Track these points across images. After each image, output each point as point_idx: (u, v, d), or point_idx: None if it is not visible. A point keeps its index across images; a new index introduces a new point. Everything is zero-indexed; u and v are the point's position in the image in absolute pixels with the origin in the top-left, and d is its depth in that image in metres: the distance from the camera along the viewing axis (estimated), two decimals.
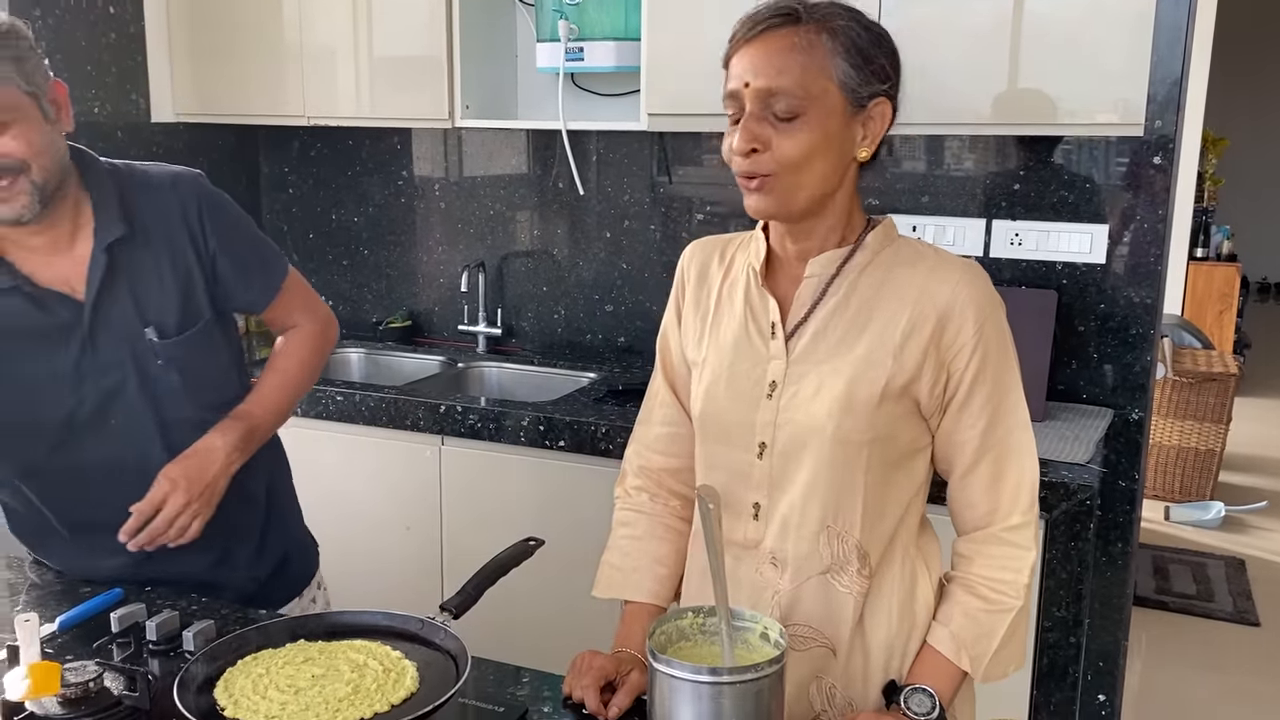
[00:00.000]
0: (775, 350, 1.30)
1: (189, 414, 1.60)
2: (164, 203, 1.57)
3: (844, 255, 1.29)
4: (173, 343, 1.56)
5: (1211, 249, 6.51)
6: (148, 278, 1.55)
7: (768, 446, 1.29)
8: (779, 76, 1.18)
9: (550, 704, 1.31)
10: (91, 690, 1.26)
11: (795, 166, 1.20)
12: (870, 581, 1.30)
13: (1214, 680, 3.42)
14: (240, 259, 1.64)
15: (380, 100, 2.93)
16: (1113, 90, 2.22)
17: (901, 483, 1.31)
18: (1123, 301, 2.56)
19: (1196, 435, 4.68)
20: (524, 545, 1.48)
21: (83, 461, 1.57)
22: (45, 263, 1.50)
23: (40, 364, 1.51)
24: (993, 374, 1.26)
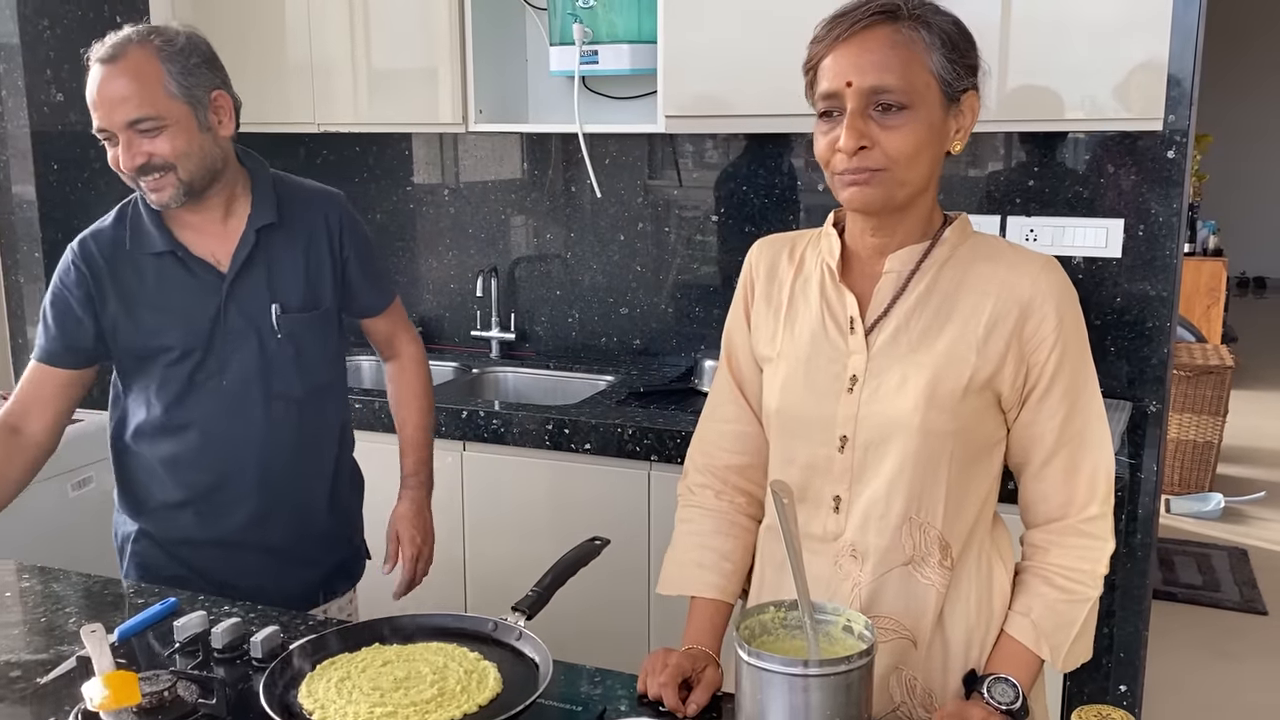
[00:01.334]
0: (855, 345, 1.31)
1: (293, 390, 1.78)
2: (311, 206, 1.82)
3: (923, 250, 1.30)
4: (293, 317, 1.76)
5: (1199, 244, 6.58)
6: (283, 261, 1.76)
7: (849, 440, 1.30)
8: (884, 74, 1.19)
9: (626, 703, 1.31)
10: (166, 699, 1.25)
11: (904, 161, 1.21)
12: (951, 573, 1.31)
13: (1226, 668, 3.46)
14: (367, 267, 1.90)
15: (392, 106, 2.92)
16: (1132, 85, 2.25)
17: (980, 475, 1.32)
18: (1138, 295, 2.58)
19: (1195, 428, 4.74)
20: (590, 545, 1.48)
21: (196, 417, 1.73)
22: (198, 237, 1.72)
23: (181, 322, 1.71)
24: (1071, 367, 1.27)
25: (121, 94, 1.57)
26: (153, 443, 1.75)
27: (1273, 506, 4.75)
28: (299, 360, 1.78)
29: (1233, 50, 9.11)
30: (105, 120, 1.59)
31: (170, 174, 1.62)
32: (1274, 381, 6.96)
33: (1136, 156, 2.54)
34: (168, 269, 1.71)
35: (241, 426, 1.75)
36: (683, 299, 3.03)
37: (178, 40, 1.63)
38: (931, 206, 1.31)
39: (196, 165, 1.64)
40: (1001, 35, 2.30)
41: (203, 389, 1.73)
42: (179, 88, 1.61)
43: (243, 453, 1.75)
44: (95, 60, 1.60)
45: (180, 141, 1.61)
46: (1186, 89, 2.45)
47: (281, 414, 1.77)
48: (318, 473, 1.85)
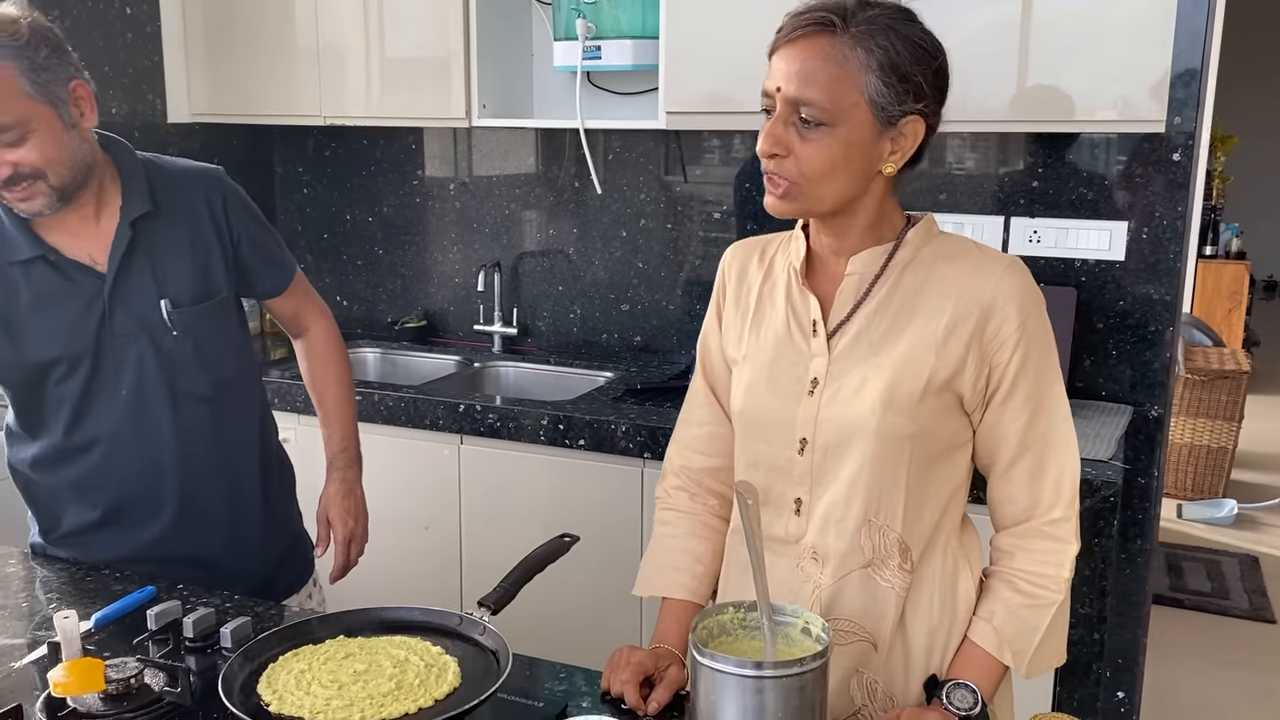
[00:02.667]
0: (817, 348, 1.31)
1: (200, 387, 1.68)
2: (189, 188, 1.68)
3: (886, 253, 1.29)
4: (187, 311, 1.64)
5: (1220, 246, 6.50)
6: (167, 253, 1.64)
7: (809, 442, 1.30)
8: (806, 87, 1.18)
9: (589, 699, 1.31)
10: (133, 687, 1.26)
11: (814, 177, 1.21)
12: (912, 576, 1.30)
13: (1230, 677, 3.42)
14: (260, 245, 1.76)
15: (396, 100, 2.94)
16: (1133, 87, 2.22)
17: (942, 477, 1.31)
18: (1142, 298, 2.56)
19: (1209, 433, 4.69)
20: (559, 541, 1.48)
21: (99, 433, 1.64)
22: (71, 237, 1.59)
23: (62, 333, 1.59)
24: (1035, 369, 1.26)
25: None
26: (56, 469, 1.65)
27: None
28: (200, 356, 1.66)
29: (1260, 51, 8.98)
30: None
31: (40, 182, 1.48)
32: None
33: (1142, 159, 2.51)
34: (40, 276, 1.56)
35: (149, 434, 1.64)
36: (684, 296, 3.03)
37: (21, 33, 1.45)
38: (881, 210, 1.29)
39: (67, 168, 1.51)
40: (1008, 36, 2.28)
41: (101, 402, 1.61)
42: (34, 87, 1.45)
43: (155, 462, 1.65)
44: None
45: (48, 146, 1.47)
46: (1195, 91, 2.42)
47: (191, 415, 1.66)
48: (243, 470, 1.74)
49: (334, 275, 3.45)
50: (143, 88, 3.05)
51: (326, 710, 1.15)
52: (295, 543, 1.92)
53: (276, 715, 1.16)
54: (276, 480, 1.87)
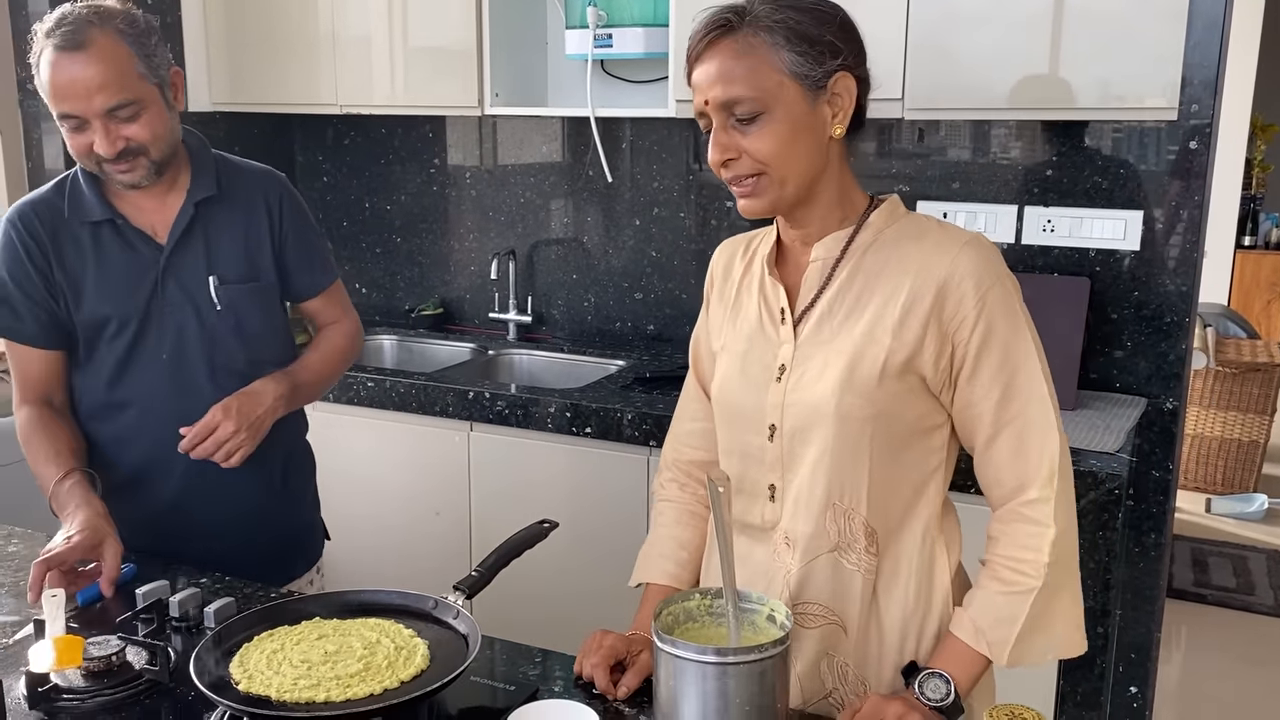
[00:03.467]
0: (785, 335, 1.32)
1: (238, 364, 1.77)
2: (252, 183, 1.82)
3: (847, 236, 1.30)
4: (232, 289, 1.76)
5: (1260, 237, 6.37)
6: (221, 235, 1.76)
7: (777, 428, 1.30)
8: (731, 86, 1.21)
9: (561, 683, 1.32)
10: (114, 664, 1.30)
11: (772, 164, 1.23)
12: (879, 559, 1.30)
13: (1254, 674, 3.37)
14: (306, 247, 1.87)
15: (412, 88, 2.96)
16: (1147, 74, 2.19)
17: (913, 461, 1.30)
18: (1157, 289, 2.52)
19: (1240, 426, 4.60)
20: (538, 527, 1.49)
21: (137, 392, 1.73)
22: (137, 209, 1.72)
23: (117, 293, 1.70)
24: (1000, 344, 1.24)
25: (98, 80, 1.56)
26: (98, 423, 1.74)
27: None
28: (239, 333, 1.77)
29: None
30: (79, 108, 1.57)
31: (142, 157, 1.63)
32: None
33: (1157, 147, 2.47)
34: (105, 238, 1.70)
35: (183, 399, 1.72)
36: (698, 284, 3.01)
37: (138, 21, 1.63)
38: (841, 191, 1.29)
39: (166, 145, 1.66)
40: (1022, 25, 2.25)
41: (143, 364, 1.72)
42: (147, 69, 1.61)
43: (186, 426, 1.69)
44: (55, 46, 1.56)
45: (156, 124, 1.63)
46: (1211, 78, 2.38)
47: (226, 387, 1.73)
48: (266, 448, 1.77)
49: (353, 263, 3.48)
50: None
51: (294, 690, 1.17)
52: (308, 530, 1.97)
53: (244, 694, 1.18)
54: (297, 464, 1.93)
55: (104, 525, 1.57)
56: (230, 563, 1.69)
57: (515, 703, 1.21)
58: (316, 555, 1.98)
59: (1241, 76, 5.48)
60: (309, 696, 1.16)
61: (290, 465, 1.90)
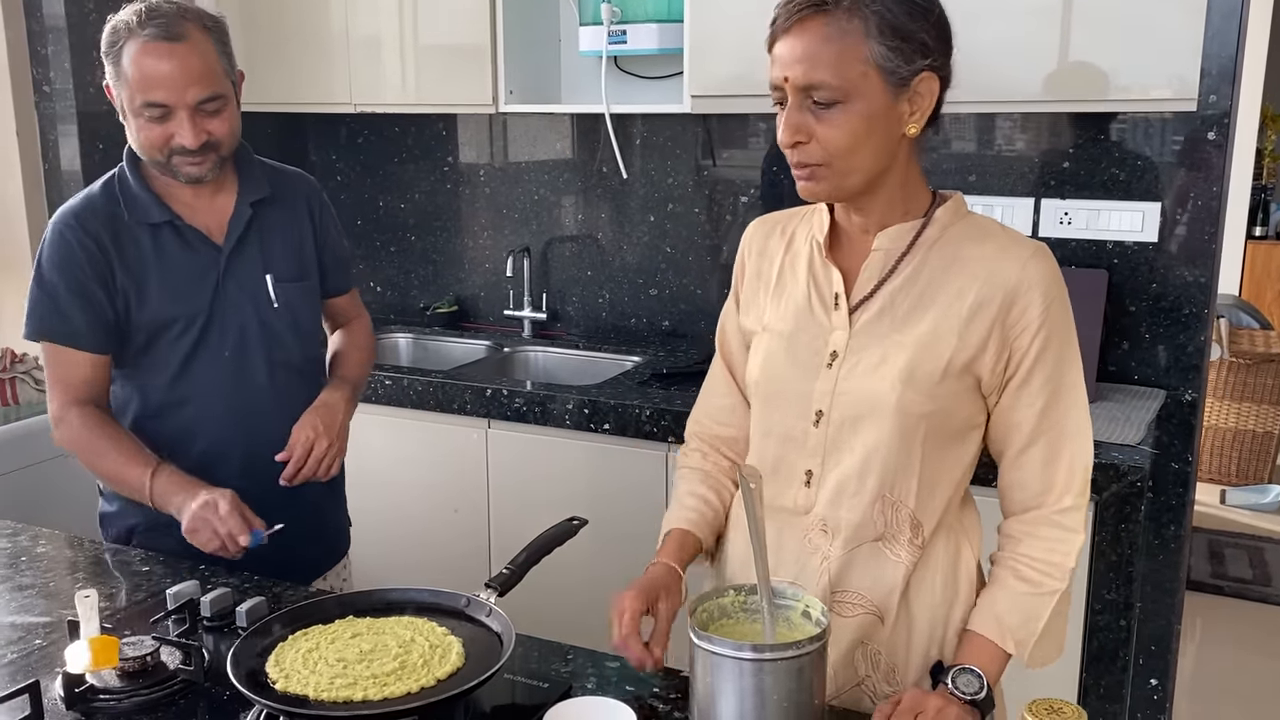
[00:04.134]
0: (838, 321, 1.31)
1: (295, 360, 1.83)
2: (295, 185, 1.88)
3: (914, 230, 1.29)
4: (287, 287, 1.81)
5: (1271, 227, 6.35)
6: (274, 234, 1.81)
7: (824, 415, 1.30)
8: (814, 70, 1.18)
9: (594, 680, 1.33)
10: (148, 664, 1.30)
11: (840, 155, 1.21)
12: (922, 552, 1.31)
13: (1270, 666, 3.36)
14: (338, 249, 1.95)
15: (425, 86, 2.95)
16: (1165, 65, 2.18)
17: (956, 457, 1.31)
18: (1175, 281, 2.51)
19: (1254, 417, 4.59)
20: (567, 524, 1.49)
21: (198, 390, 1.75)
22: (190, 209, 1.74)
23: (180, 294, 1.72)
24: (1055, 355, 1.26)
25: (196, 72, 1.60)
26: (158, 421, 1.75)
27: None
28: (295, 329, 1.81)
29: None
30: (171, 98, 1.60)
31: (214, 152, 1.66)
32: None
33: (1175, 138, 2.46)
34: (165, 240, 1.72)
35: (243, 398, 1.76)
36: (713, 280, 3.02)
37: (220, 20, 1.68)
38: (907, 185, 1.29)
39: (234, 143, 1.70)
40: (1039, 15, 2.24)
41: (205, 361, 1.74)
42: (227, 67, 1.66)
43: (245, 423, 1.76)
44: (150, 37, 1.59)
45: (233, 120, 1.68)
46: (1229, 68, 2.37)
47: (283, 382, 1.79)
48: None
49: (367, 262, 3.49)
50: None
51: (330, 689, 1.17)
52: (342, 523, 2.01)
53: (281, 693, 1.18)
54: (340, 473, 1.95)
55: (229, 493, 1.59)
56: (273, 558, 1.68)
57: (549, 700, 1.22)
58: (346, 548, 2.01)
59: (1252, 66, 5.45)
60: (346, 695, 1.16)
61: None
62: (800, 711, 1.12)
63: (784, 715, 1.11)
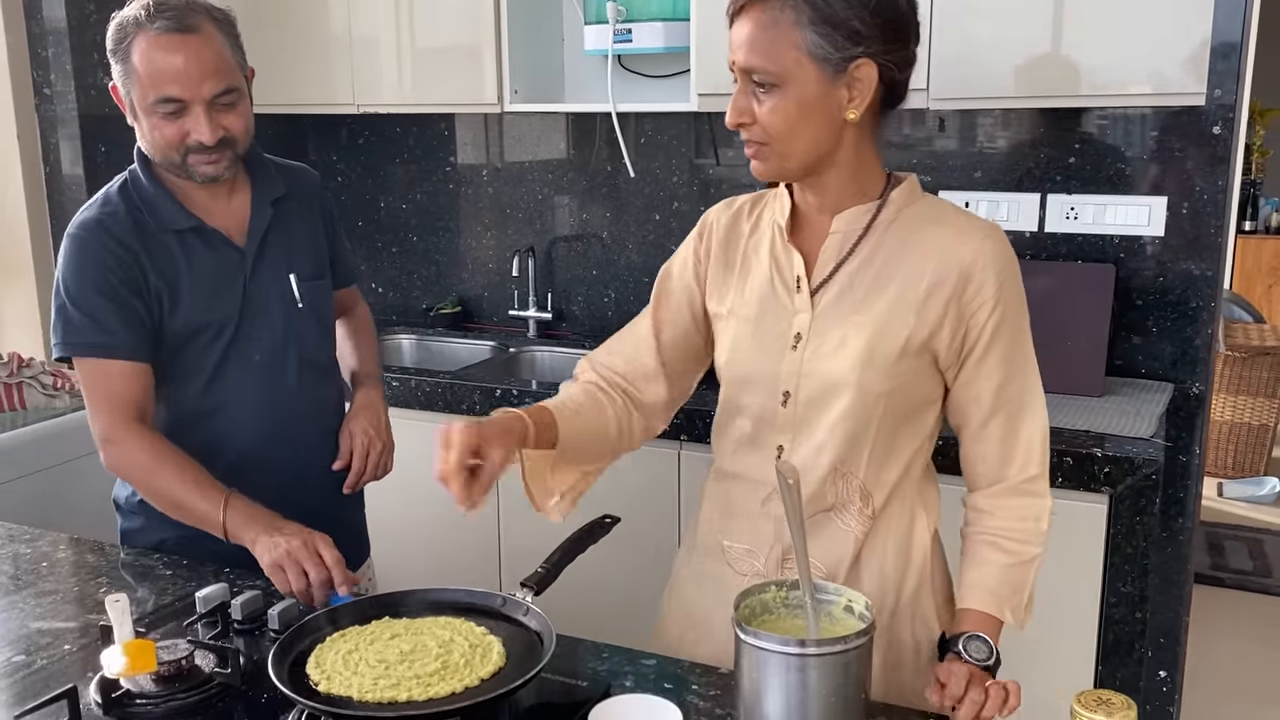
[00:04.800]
0: (800, 304, 1.36)
1: (321, 358, 1.81)
2: (305, 182, 1.85)
3: (870, 212, 1.34)
4: (309, 285, 1.78)
5: (1260, 222, 6.40)
6: (292, 232, 1.78)
7: (792, 395, 1.36)
8: (751, 54, 1.25)
9: (632, 679, 1.32)
10: (184, 668, 1.29)
11: (778, 137, 1.27)
12: (872, 521, 1.37)
13: (1272, 656, 3.39)
14: (341, 243, 1.94)
15: (428, 86, 2.94)
16: (1173, 59, 2.19)
17: (910, 433, 1.37)
18: (1182, 274, 2.53)
19: (1250, 410, 4.63)
20: (600, 522, 1.49)
21: (230, 396, 1.71)
22: (208, 213, 1.70)
23: (210, 300, 1.68)
24: (1009, 332, 1.31)
25: (211, 65, 1.56)
26: (191, 431, 1.70)
27: None
28: (320, 327, 1.80)
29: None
30: (185, 92, 1.55)
31: (229, 150, 1.62)
32: None
33: (1181, 132, 2.48)
34: (192, 246, 1.68)
35: (275, 400, 1.73)
36: None
37: (229, 14, 1.64)
38: (860, 168, 1.33)
39: (249, 140, 1.67)
40: (1043, 11, 2.25)
41: (236, 365, 1.71)
42: (239, 61, 1.63)
43: (278, 428, 1.74)
44: (161, 30, 1.54)
45: (247, 117, 1.64)
46: (1234, 63, 2.39)
47: (311, 381, 1.77)
48: (335, 442, 1.81)
49: (369, 263, 3.47)
50: None
51: (374, 690, 1.16)
52: (361, 528, 1.99)
53: (325, 695, 1.17)
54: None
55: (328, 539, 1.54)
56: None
57: (589, 698, 1.22)
58: (368, 550, 2.00)
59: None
60: (390, 696, 1.16)
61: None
62: (847, 706, 1.12)
63: (830, 710, 1.12)
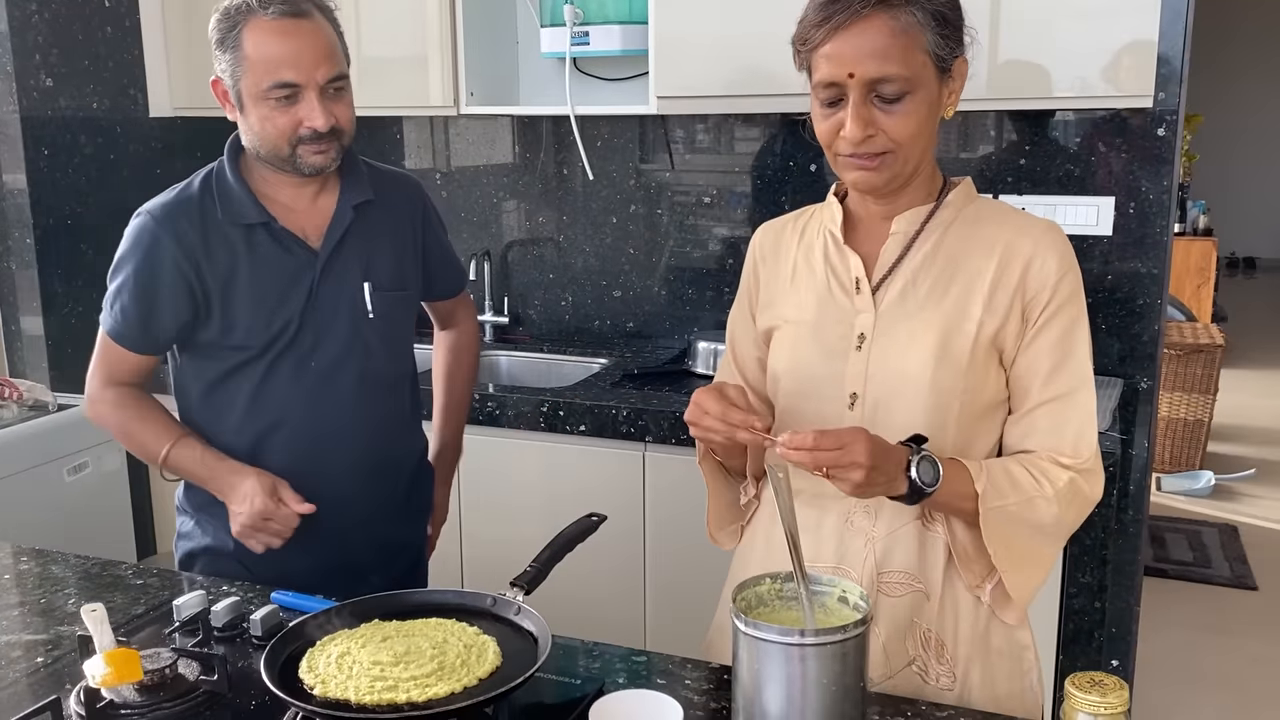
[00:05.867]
0: (862, 304, 1.34)
1: (384, 373, 1.74)
2: (399, 188, 1.79)
3: (927, 212, 1.34)
4: (385, 295, 1.71)
5: (1189, 224, 6.60)
6: (374, 240, 1.71)
7: (859, 397, 1.33)
8: (885, 64, 1.22)
9: (624, 675, 1.32)
10: (168, 677, 1.26)
11: (908, 143, 1.26)
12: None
13: (1217, 643, 3.49)
14: (445, 253, 1.91)
15: (382, 89, 2.91)
16: (1122, 63, 2.25)
17: (985, 433, 1.34)
18: (1129, 273, 2.60)
19: (1185, 406, 4.76)
20: (588, 521, 1.49)
21: (279, 404, 1.67)
22: (288, 211, 1.66)
23: (275, 300, 1.64)
24: (1063, 323, 1.29)
25: (325, 49, 1.55)
26: (238, 434, 1.67)
27: (1262, 484, 4.79)
28: (388, 342, 1.73)
29: (1223, 31, 9.12)
30: (302, 76, 1.53)
31: (336, 140, 1.60)
32: (1263, 360, 6.99)
33: (1127, 135, 2.55)
34: (260, 242, 1.62)
35: (329, 409, 1.67)
36: (675, 281, 3.04)
37: (335, 5, 1.63)
38: (931, 170, 1.34)
39: (353, 132, 1.64)
40: (992, 13, 2.30)
41: (292, 371, 1.65)
42: (345, 54, 1.62)
43: (328, 438, 1.68)
44: (276, 14, 1.53)
45: (353, 107, 1.63)
46: (1176, 67, 2.46)
47: (370, 397, 1.71)
48: (401, 464, 1.79)
49: None
50: (123, 81, 3.01)
51: (371, 692, 1.15)
52: (420, 555, 1.93)
53: (321, 698, 1.16)
54: (419, 490, 1.90)
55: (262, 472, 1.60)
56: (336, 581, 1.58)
57: (585, 696, 1.21)
58: (424, 578, 1.98)
59: None
60: (389, 699, 1.14)
61: (415, 487, 1.88)
62: (846, 695, 1.13)
63: (829, 699, 1.12)
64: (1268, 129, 10.02)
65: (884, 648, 1.34)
